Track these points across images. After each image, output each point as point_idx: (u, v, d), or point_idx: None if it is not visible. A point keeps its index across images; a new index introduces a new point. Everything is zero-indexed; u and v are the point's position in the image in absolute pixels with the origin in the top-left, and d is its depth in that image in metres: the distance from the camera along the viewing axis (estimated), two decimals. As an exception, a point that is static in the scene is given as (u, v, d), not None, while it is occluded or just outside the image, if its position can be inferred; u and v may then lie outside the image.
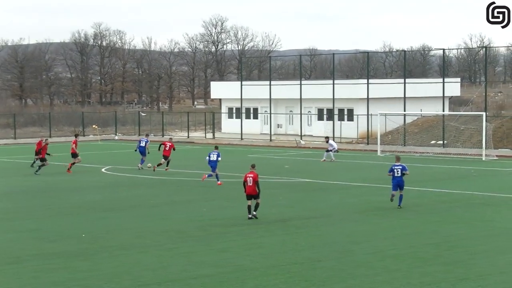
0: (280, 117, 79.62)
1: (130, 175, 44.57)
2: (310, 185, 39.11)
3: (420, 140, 64.24)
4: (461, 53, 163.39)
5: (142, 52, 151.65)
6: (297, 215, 29.18)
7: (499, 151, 56.81)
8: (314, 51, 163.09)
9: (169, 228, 26.63)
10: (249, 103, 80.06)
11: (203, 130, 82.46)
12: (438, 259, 21.07)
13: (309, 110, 76.57)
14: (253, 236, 24.96)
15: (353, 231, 25.78)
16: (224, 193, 36.39)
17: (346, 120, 72.79)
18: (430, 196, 34.28)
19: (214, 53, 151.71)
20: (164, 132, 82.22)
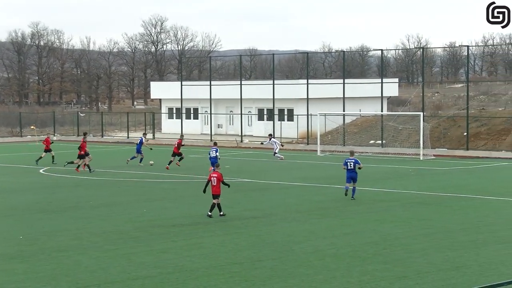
0: (220, 117, 79.60)
1: (69, 176, 44.06)
2: (250, 185, 39.15)
3: (359, 140, 64.85)
4: (399, 54, 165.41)
5: (81, 52, 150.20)
6: (237, 215, 29.17)
7: (436, 151, 57.65)
8: (254, 52, 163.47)
9: (108, 229, 26.38)
10: (189, 103, 79.86)
11: (143, 130, 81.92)
12: (377, 258, 21.25)
13: (250, 110, 76.69)
14: (194, 236, 24.88)
15: (294, 230, 25.86)
16: (165, 193, 36.21)
17: (286, 120, 73.10)
18: (369, 195, 34.57)
19: (154, 53, 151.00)
20: (104, 132, 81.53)
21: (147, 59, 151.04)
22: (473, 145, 59.69)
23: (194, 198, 34.43)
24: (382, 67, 73.94)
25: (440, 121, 64.83)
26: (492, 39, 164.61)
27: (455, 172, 46.04)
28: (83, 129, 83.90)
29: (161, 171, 46.02)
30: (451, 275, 19.26)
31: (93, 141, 77.26)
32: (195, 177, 42.66)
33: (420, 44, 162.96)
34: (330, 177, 42.37)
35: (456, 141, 61.41)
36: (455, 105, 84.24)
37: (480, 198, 33.66)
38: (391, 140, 62.66)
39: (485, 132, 61.36)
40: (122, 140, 77.11)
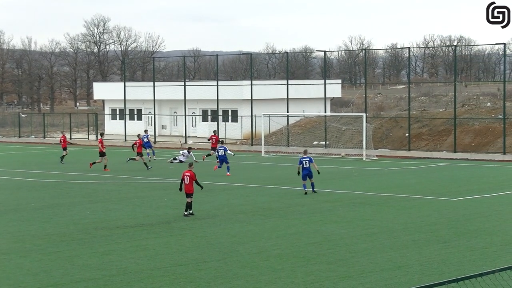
0: (164, 118, 79.28)
1: (11, 178, 43.47)
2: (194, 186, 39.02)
3: (303, 141, 65.17)
4: (341, 55, 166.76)
5: (22, 52, 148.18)
6: (181, 216, 29.09)
7: (379, 151, 58.24)
8: (198, 52, 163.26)
9: (51, 231, 26.08)
10: (132, 104, 79.38)
11: (86, 131, 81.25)
12: (321, 258, 21.38)
13: (194, 111, 76.54)
14: (138, 238, 24.74)
15: (238, 231, 25.89)
16: (108, 195, 35.95)
17: (230, 121, 73.12)
18: (312, 196, 34.75)
19: (97, 53, 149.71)
20: (46, 133, 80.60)
21: (90, 59, 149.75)
22: (415, 146, 60.44)
23: (138, 199, 34.26)
24: (325, 68, 74.43)
25: (383, 122, 65.52)
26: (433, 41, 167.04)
27: (397, 172, 46.56)
28: (24, 130, 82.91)
29: (105, 172, 45.65)
30: (394, 274, 19.47)
31: (35, 142, 76.42)
32: (139, 178, 42.44)
33: (363, 46, 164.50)
34: (274, 178, 42.52)
35: (398, 141, 62.12)
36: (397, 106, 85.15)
37: (422, 198, 34.09)
38: (334, 141, 63.12)
39: (427, 133, 62.19)
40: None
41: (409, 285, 18.07)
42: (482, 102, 76.09)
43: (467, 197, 34.23)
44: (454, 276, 16.63)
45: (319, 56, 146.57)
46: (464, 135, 59.87)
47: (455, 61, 70.40)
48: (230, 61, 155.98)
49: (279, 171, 47.15)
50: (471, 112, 64.74)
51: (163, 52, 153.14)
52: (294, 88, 70.54)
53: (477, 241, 23.77)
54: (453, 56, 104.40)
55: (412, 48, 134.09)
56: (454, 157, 55.77)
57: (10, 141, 78.66)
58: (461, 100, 74.91)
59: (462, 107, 68.27)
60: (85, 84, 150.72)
